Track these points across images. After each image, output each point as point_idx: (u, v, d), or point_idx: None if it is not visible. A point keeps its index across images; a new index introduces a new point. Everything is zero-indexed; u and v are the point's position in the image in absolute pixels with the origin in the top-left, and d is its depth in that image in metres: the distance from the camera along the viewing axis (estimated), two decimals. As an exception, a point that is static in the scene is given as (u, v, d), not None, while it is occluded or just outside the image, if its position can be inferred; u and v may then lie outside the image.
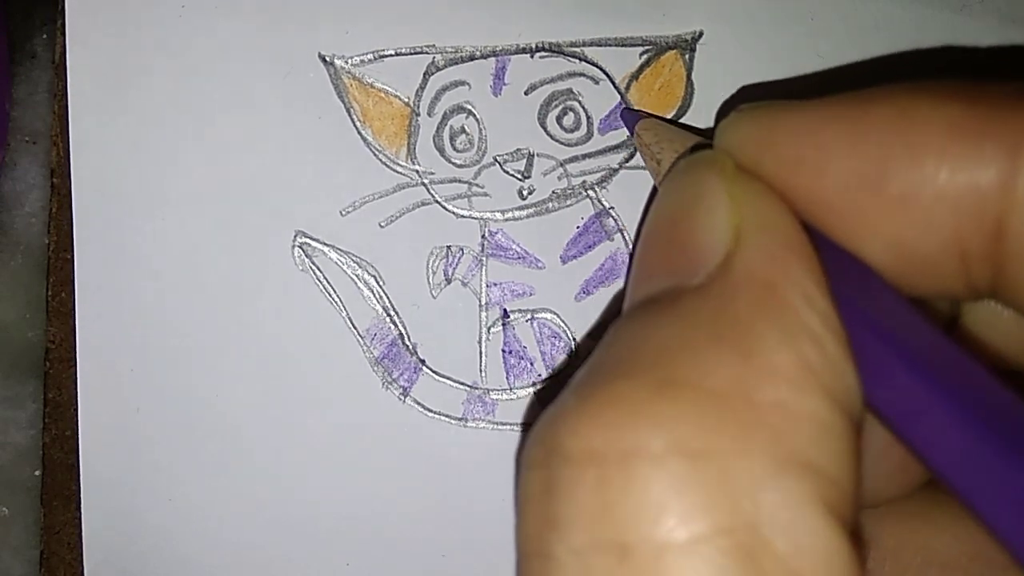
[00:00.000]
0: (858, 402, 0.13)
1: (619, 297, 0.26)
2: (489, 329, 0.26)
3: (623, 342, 0.14)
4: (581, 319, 0.26)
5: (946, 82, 0.14)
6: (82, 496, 0.25)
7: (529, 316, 0.26)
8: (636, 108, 0.26)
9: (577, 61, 0.26)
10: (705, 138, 0.21)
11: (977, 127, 0.13)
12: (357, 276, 0.25)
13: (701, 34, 0.26)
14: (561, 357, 0.26)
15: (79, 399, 0.25)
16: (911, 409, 0.13)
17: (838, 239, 0.15)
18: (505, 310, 0.26)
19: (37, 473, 0.26)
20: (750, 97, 0.27)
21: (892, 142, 0.13)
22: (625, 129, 0.26)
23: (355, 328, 0.25)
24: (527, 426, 0.26)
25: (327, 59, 0.25)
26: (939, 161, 0.13)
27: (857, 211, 0.14)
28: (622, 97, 0.26)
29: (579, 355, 0.26)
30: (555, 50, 0.26)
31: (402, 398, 0.25)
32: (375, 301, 0.25)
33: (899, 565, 0.17)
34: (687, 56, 0.26)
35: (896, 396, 0.13)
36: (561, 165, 0.26)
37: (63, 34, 0.25)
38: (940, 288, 0.14)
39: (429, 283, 0.26)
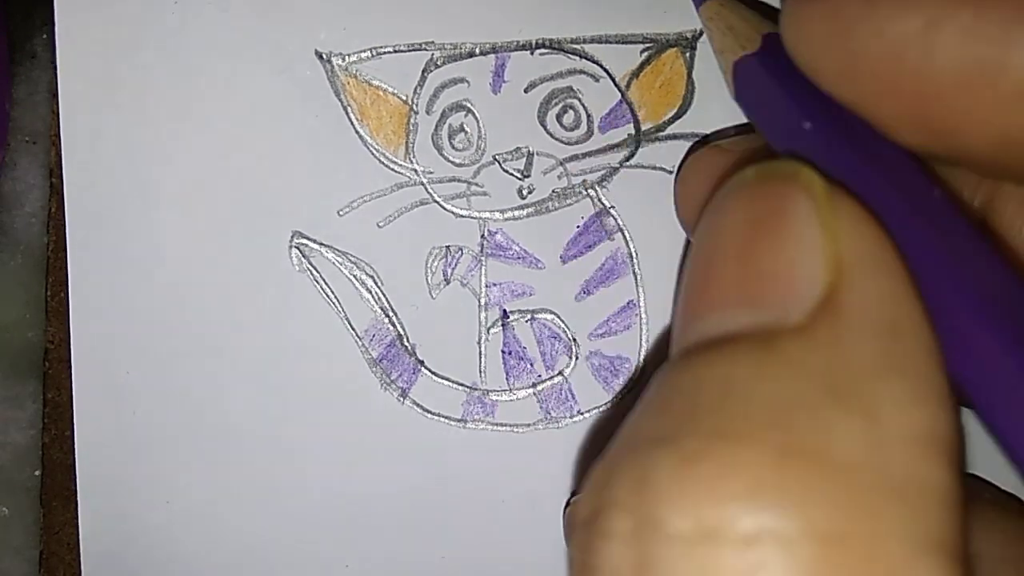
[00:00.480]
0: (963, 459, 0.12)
1: (618, 297, 0.26)
2: (488, 329, 0.26)
3: (715, 389, 0.12)
4: (581, 319, 0.26)
5: None
6: (79, 497, 0.25)
7: (529, 316, 0.26)
8: None
9: (577, 58, 0.26)
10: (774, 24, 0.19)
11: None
12: (355, 276, 0.25)
13: (702, 32, 0.26)
14: (561, 358, 0.26)
15: (74, 401, 0.25)
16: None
17: (938, 142, 0.13)
18: (505, 310, 0.26)
19: (37, 473, 0.26)
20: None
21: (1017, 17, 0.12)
22: (625, 127, 0.26)
23: (353, 329, 0.25)
24: (525, 426, 0.26)
25: (324, 56, 0.25)
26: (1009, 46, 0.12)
27: (967, 106, 0.13)
28: (622, 95, 0.26)
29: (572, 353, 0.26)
30: (555, 47, 0.26)
31: (401, 399, 0.25)
32: (373, 302, 0.25)
33: None
34: (688, 54, 0.26)
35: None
36: (561, 164, 0.26)
37: (54, 30, 0.25)
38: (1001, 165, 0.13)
39: (428, 283, 0.25)
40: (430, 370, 0.25)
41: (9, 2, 0.27)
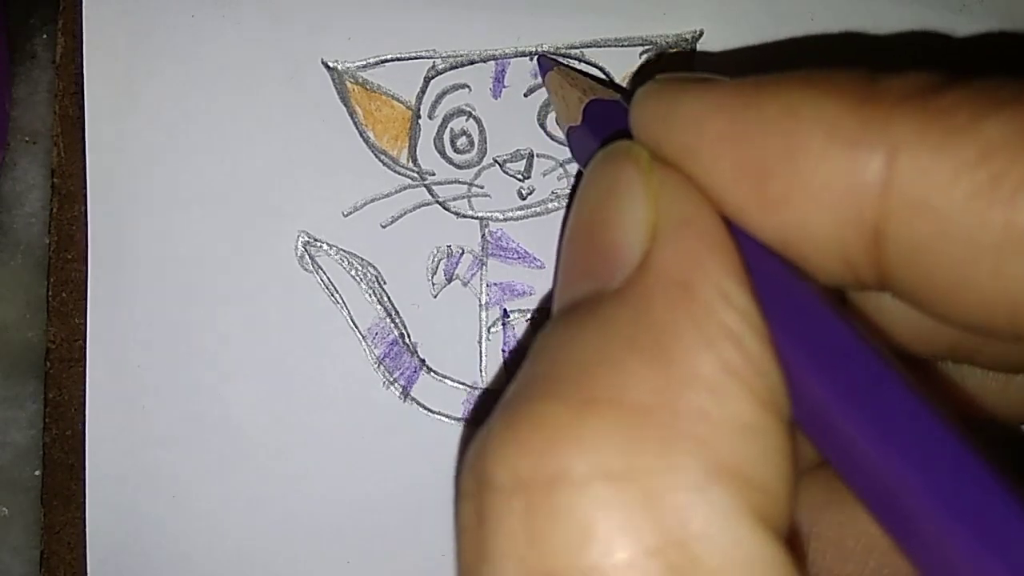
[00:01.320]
0: (785, 398, 0.13)
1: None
2: (489, 329, 0.26)
3: (546, 356, 0.13)
4: (580, 319, 0.26)
5: (841, 75, 0.13)
6: (86, 493, 0.25)
7: (529, 316, 0.26)
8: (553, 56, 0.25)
9: (576, 62, 0.26)
10: (611, 96, 0.21)
11: (857, 128, 0.13)
12: (359, 276, 0.25)
13: (701, 33, 0.27)
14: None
15: (87, 395, 0.25)
16: (818, 409, 0.13)
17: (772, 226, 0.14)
18: (505, 310, 0.26)
19: (37, 473, 0.26)
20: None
21: (774, 139, 0.13)
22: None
23: (357, 328, 0.25)
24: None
25: (330, 65, 0.25)
26: (817, 163, 0.13)
27: (742, 205, 0.14)
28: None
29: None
30: (553, 54, 0.26)
31: (402, 398, 0.26)
32: (376, 301, 0.26)
33: (841, 553, 0.17)
34: (687, 54, 0.26)
35: (806, 398, 0.13)
36: (561, 165, 0.26)
37: (63, 34, 0.25)
38: (829, 281, 0.14)
39: (430, 283, 0.26)
40: (431, 369, 0.26)
41: (9, 2, 0.27)
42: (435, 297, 0.26)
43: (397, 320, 0.26)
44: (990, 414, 0.18)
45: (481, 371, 0.26)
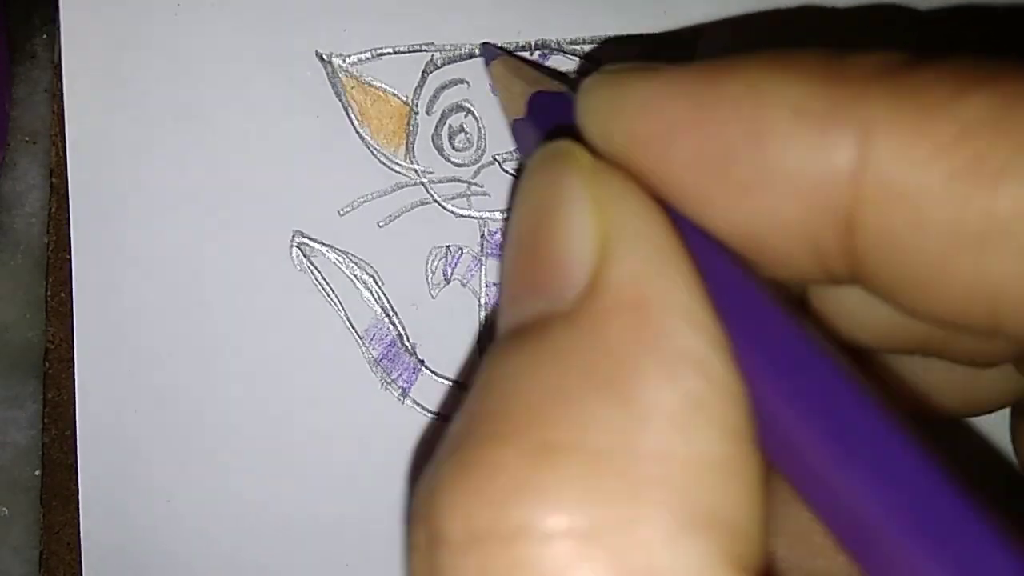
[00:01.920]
0: (751, 422, 0.12)
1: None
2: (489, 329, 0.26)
3: (496, 391, 0.12)
4: (581, 319, 0.26)
5: (805, 53, 0.12)
6: (80, 496, 0.25)
7: (529, 316, 0.26)
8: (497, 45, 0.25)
9: (577, 59, 0.26)
10: (555, 87, 0.20)
11: (826, 108, 0.12)
12: (356, 276, 0.25)
13: (701, 33, 0.26)
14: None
15: (77, 399, 0.25)
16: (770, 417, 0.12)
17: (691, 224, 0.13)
18: (505, 310, 0.26)
19: (37, 473, 0.26)
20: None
21: (737, 122, 0.12)
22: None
23: (354, 328, 0.25)
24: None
25: (324, 57, 0.25)
26: (784, 146, 0.12)
27: (703, 195, 0.13)
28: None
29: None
30: (554, 48, 0.26)
31: (401, 398, 0.25)
32: (374, 301, 0.25)
33: (810, 549, 0.16)
34: (686, 54, 0.26)
35: (764, 414, 0.12)
36: (561, 164, 0.26)
37: (60, 32, 0.25)
38: (796, 276, 0.13)
39: (428, 283, 0.25)
40: (430, 369, 0.25)
41: (9, 2, 0.27)
42: (434, 297, 0.25)
43: (395, 320, 0.25)
44: (956, 409, 0.17)
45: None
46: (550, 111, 0.19)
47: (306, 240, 0.25)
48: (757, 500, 0.11)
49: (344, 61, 0.25)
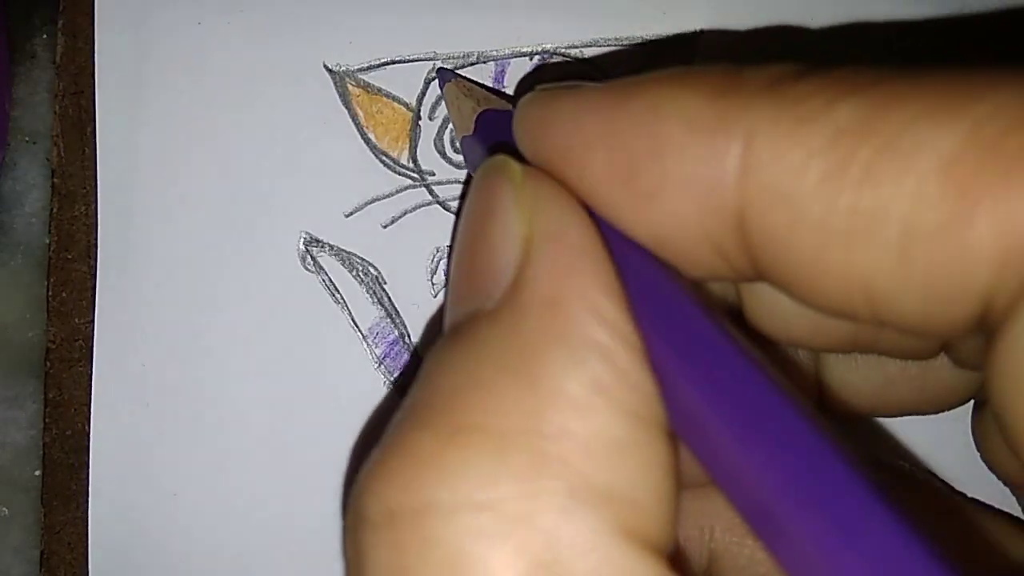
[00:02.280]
0: (661, 410, 0.13)
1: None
2: (489, 329, 0.26)
3: (421, 383, 0.13)
4: (580, 319, 0.26)
5: (708, 70, 0.13)
6: (89, 489, 0.25)
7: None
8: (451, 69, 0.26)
9: (576, 63, 0.26)
10: (502, 106, 0.21)
11: (714, 118, 0.13)
12: (360, 276, 0.26)
13: (701, 33, 0.27)
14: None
15: (93, 394, 0.25)
16: (689, 416, 0.12)
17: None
18: (505, 310, 0.26)
19: (37, 473, 0.26)
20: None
21: (640, 136, 0.13)
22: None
23: (358, 328, 0.26)
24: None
25: (332, 68, 0.26)
26: (680, 157, 0.13)
27: (616, 203, 0.14)
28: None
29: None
30: (555, 53, 0.26)
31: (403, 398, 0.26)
32: (377, 301, 0.26)
33: (742, 533, 0.18)
34: (687, 54, 0.27)
35: (679, 406, 0.13)
36: (560, 168, 0.26)
37: (63, 34, 0.25)
38: (708, 274, 0.14)
39: (430, 283, 0.26)
40: (432, 368, 0.26)
41: (9, 2, 0.27)
42: (435, 297, 0.26)
43: (398, 320, 0.26)
44: (918, 406, 0.18)
45: (481, 371, 0.26)
46: (495, 128, 0.20)
47: (313, 241, 0.25)
48: (660, 479, 0.12)
49: (350, 71, 0.26)
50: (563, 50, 0.26)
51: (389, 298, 0.26)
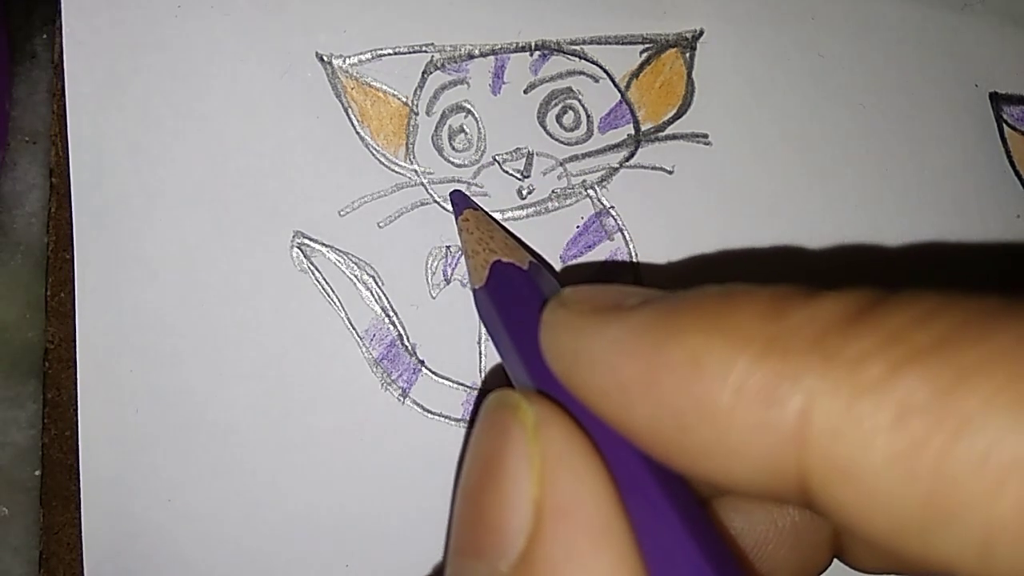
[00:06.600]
0: None
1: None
2: (489, 329, 0.26)
3: None
4: (581, 319, 0.26)
5: (745, 308, 0.13)
6: (82, 496, 0.25)
7: (529, 316, 0.26)
8: (467, 195, 0.25)
9: (577, 59, 0.26)
10: (519, 259, 0.21)
11: (766, 385, 0.12)
12: (356, 276, 0.25)
13: (702, 32, 0.26)
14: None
15: (79, 399, 0.25)
16: None
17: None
18: (504, 310, 0.26)
19: (37, 473, 0.26)
20: (751, 99, 0.26)
21: (683, 396, 0.13)
22: (625, 128, 0.26)
23: (354, 329, 0.25)
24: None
25: (324, 58, 0.25)
26: (730, 422, 0.12)
27: (661, 452, 0.13)
28: (622, 95, 0.26)
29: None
30: (555, 48, 0.26)
31: (401, 399, 0.25)
32: (374, 302, 0.25)
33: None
34: (688, 54, 0.26)
35: None
36: (561, 164, 0.26)
37: (62, 34, 0.25)
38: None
39: (428, 283, 0.25)
40: (430, 370, 0.25)
41: (9, 2, 0.27)
42: (434, 297, 0.25)
43: (395, 321, 0.25)
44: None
45: (480, 372, 0.26)
46: (509, 283, 0.20)
47: (307, 240, 0.25)
48: None
49: (344, 62, 0.25)
50: (563, 45, 0.26)
51: (387, 298, 0.25)
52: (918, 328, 0.11)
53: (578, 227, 0.26)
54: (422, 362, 0.25)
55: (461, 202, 0.25)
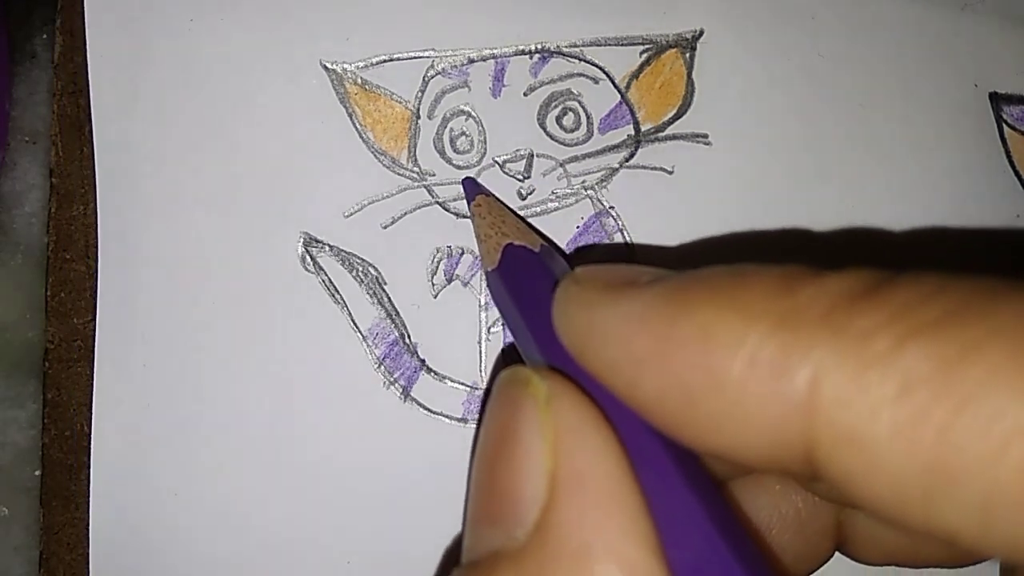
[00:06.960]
0: None
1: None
2: (489, 329, 0.26)
3: None
4: (581, 319, 0.26)
5: (757, 284, 0.13)
6: (91, 489, 0.25)
7: (529, 316, 0.26)
8: (479, 183, 0.26)
9: (576, 61, 0.26)
10: (531, 241, 0.21)
11: (776, 356, 0.12)
12: (359, 277, 0.25)
13: (702, 32, 0.26)
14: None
15: (94, 393, 0.25)
16: None
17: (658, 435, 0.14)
18: (505, 310, 0.26)
19: (37, 473, 0.26)
20: (751, 100, 0.27)
21: (694, 367, 0.13)
22: (625, 128, 0.26)
23: (358, 328, 0.25)
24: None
25: (329, 66, 0.25)
26: (739, 395, 0.12)
27: (671, 423, 0.14)
28: (622, 96, 0.26)
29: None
30: (554, 51, 0.26)
31: (403, 398, 0.25)
32: (377, 301, 0.25)
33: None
34: (687, 54, 0.26)
35: None
36: (561, 165, 0.26)
37: (62, 34, 0.25)
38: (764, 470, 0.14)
39: (430, 283, 0.26)
40: (432, 369, 0.25)
41: (9, 2, 0.27)
42: (435, 297, 0.26)
43: (397, 320, 0.25)
44: (943, 560, 0.18)
45: (481, 371, 0.26)
46: (521, 265, 0.21)
47: (312, 241, 0.25)
48: None
49: (348, 69, 0.25)
50: (563, 48, 0.26)
51: (389, 299, 0.25)
52: (923, 305, 0.12)
53: (578, 227, 0.26)
54: (423, 362, 0.25)
55: (473, 189, 0.25)
